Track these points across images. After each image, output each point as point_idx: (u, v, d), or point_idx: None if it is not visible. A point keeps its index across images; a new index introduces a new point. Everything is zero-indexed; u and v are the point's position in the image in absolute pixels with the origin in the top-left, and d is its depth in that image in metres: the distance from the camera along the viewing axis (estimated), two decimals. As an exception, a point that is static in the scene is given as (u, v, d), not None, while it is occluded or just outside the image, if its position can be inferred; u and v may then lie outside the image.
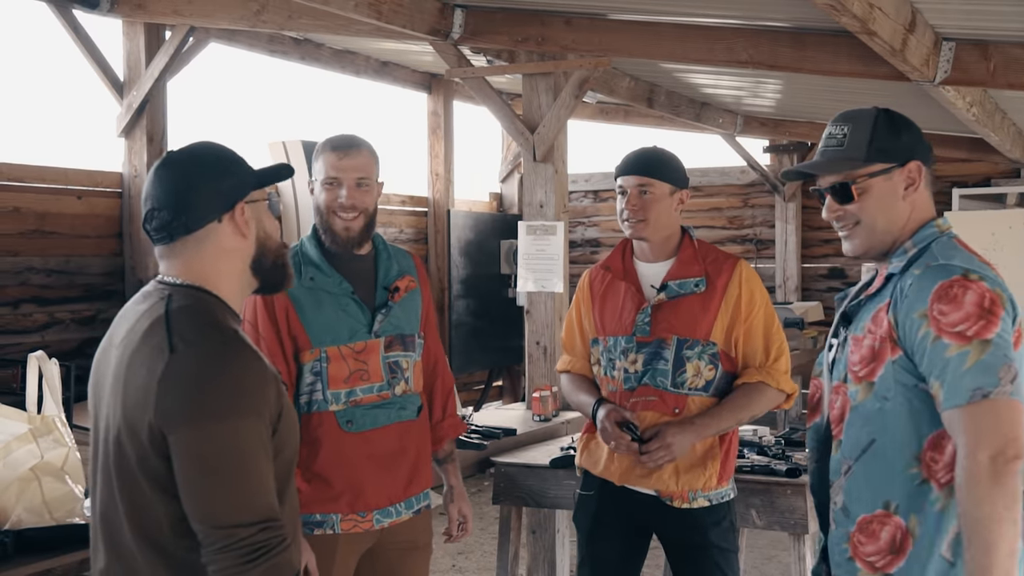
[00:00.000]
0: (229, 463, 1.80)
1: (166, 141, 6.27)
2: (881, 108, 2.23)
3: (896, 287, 2.10)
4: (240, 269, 2.01)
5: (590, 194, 10.75)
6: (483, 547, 6.45)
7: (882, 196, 2.18)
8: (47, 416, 2.83)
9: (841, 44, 4.68)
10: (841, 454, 2.18)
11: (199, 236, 1.95)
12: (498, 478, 4.09)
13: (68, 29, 5.95)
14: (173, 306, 1.89)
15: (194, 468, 1.79)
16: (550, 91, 5.73)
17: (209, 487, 1.79)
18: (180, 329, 1.86)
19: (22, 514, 2.59)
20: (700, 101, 8.23)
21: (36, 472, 2.63)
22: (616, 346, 3.12)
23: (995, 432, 1.92)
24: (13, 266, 5.73)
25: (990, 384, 1.94)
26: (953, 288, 2.00)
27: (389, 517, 2.88)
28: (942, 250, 2.11)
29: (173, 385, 1.81)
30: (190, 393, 1.80)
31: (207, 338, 1.86)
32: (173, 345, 1.83)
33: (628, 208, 3.12)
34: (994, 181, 9.04)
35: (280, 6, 5.49)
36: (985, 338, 1.97)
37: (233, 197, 1.97)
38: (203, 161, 1.98)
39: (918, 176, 2.18)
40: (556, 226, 5.71)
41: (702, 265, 3.13)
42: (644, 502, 3.11)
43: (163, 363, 1.82)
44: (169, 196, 1.94)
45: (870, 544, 2.12)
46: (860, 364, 2.13)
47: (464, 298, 8.98)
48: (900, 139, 2.17)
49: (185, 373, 1.81)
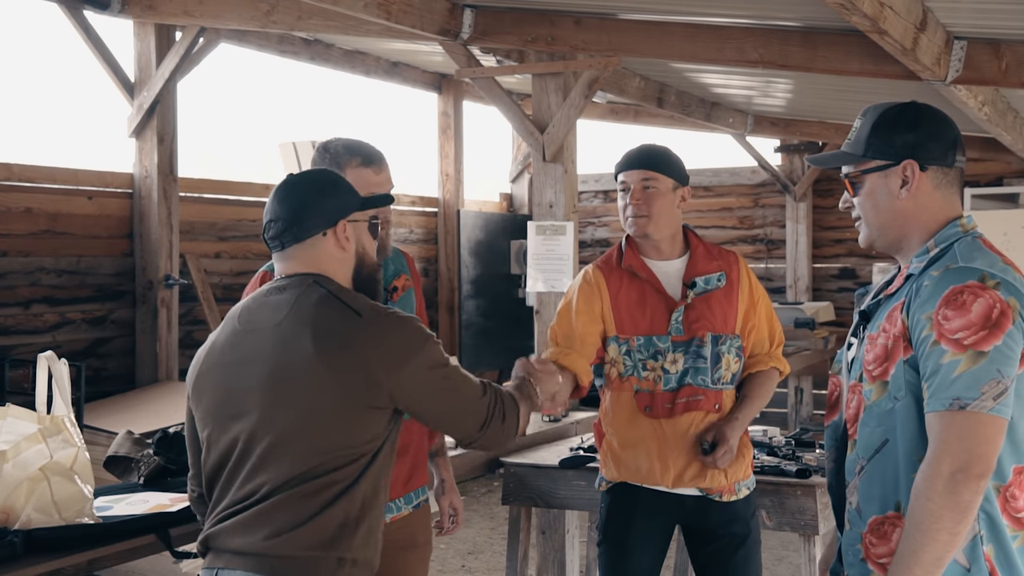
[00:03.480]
0: (455, 374, 2.29)
1: (176, 141, 6.29)
2: (901, 104, 2.21)
3: (912, 287, 2.08)
4: (345, 276, 2.34)
5: (600, 194, 10.75)
6: (493, 547, 6.45)
7: (875, 193, 2.18)
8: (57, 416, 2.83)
9: (852, 43, 4.66)
10: (856, 454, 2.16)
11: (308, 244, 2.28)
12: (507, 478, 4.08)
13: (79, 30, 5.97)
14: (332, 287, 2.26)
15: (436, 382, 2.24)
16: (560, 91, 5.72)
17: (452, 397, 2.28)
18: (349, 300, 2.24)
19: (31, 514, 2.59)
20: (711, 101, 8.22)
21: (45, 472, 2.63)
22: (648, 346, 3.08)
23: (961, 446, 1.93)
24: (25, 266, 5.76)
25: (970, 397, 1.93)
26: (964, 294, 1.99)
27: (390, 512, 2.87)
28: (965, 251, 2.08)
29: (383, 336, 2.19)
30: (400, 338, 2.21)
31: (372, 306, 2.26)
32: (358, 310, 2.21)
33: (632, 203, 3.08)
34: (1006, 180, 9.00)
35: (290, 7, 5.50)
36: (981, 350, 1.95)
37: (336, 216, 2.29)
38: (313, 184, 2.32)
39: (912, 176, 2.14)
40: (566, 226, 5.70)
41: (717, 260, 3.15)
42: (687, 502, 3.10)
43: (359, 325, 2.19)
44: (283, 211, 2.28)
45: (882, 545, 2.10)
46: (874, 363, 2.12)
47: (474, 298, 8.97)
48: (899, 137, 2.15)
49: (384, 325, 2.21)
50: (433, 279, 9.25)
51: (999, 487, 2.03)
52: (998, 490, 2.03)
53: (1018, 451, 2.05)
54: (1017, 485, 2.05)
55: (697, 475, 3.07)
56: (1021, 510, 2.05)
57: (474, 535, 6.73)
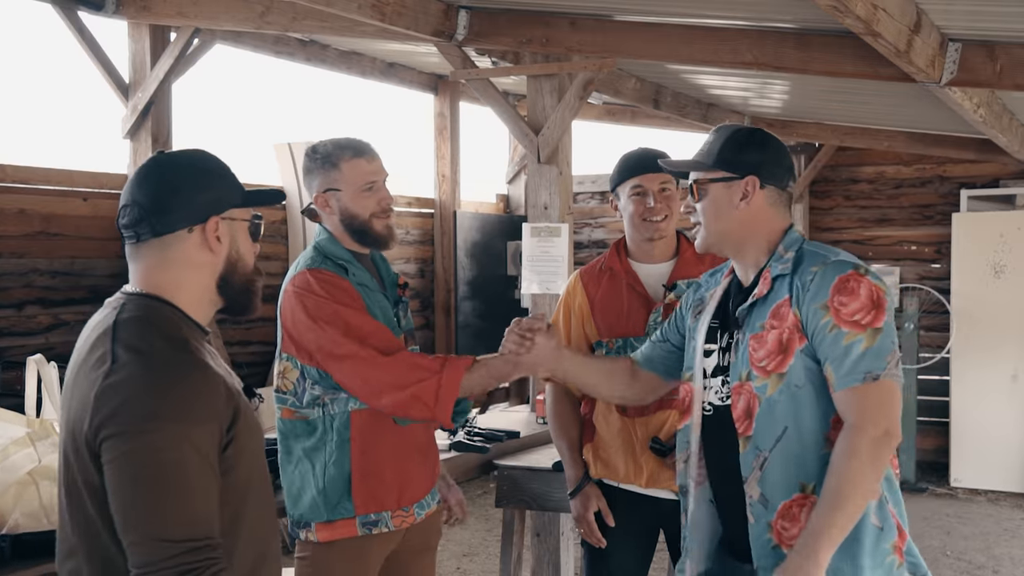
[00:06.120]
0: (158, 472, 1.70)
1: (171, 143, 6.27)
2: (746, 127, 2.48)
3: (795, 284, 2.29)
4: (205, 284, 1.94)
5: (597, 195, 10.72)
6: (488, 550, 6.43)
7: (717, 200, 2.41)
8: (45, 420, 2.83)
9: (846, 45, 4.65)
10: (752, 448, 2.30)
11: (166, 242, 1.90)
12: (501, 481, 4.07)
13: (73, 31, 5.95)
14: (123, 316, 1.84)
15: (120, 476, 1.70)
16: (554, 92, 5.71)
17: (133, 497, 1.70)
18: (125, 339, 1.80)
19: (19, 518, 2.58)
20: (707, 102, 8.21)
21: (34, 476, 2.62)
22: (626, 347, 3.11)
23: (881, 412, 2.17)
24: (18, 268, 5.74)
25: (879, 368, 2.18)
26: (850, 282, 2.23)
27: (424, 508, 2.95)
28: (822, 249, 2.34)
29: (109, 394, 1.74)
30: (124, 399, 1.73)
31: (150, 347, 1.79)
32: (115, 355, 1.77)
33: (657, 207, 3.11)
34: (1003, 182, 8.99)
35: (284, 8, 5.49)
36: (876, 327, 2.20)
37: (209, 210, 1.91)
38: (187, 168, 1.93)
39: (752, 190, 2.38)
40: (560, 228, 5.69)
41: (706, 265, 3.14)
42: (664, 505, 3.10)
43: (103, 374, 1.76)
44: (144, 195, 1.90)
45: (794, 528, 2.24)
46: (767, 358, 2.29)
47: (470, 299, 8.96)
48: (746, 156, 2.39)
49: (120, 382, 1.74)
50: (429, 280, 9.24)
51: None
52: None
53: None
54: None
55: (670, 477, 3.06)
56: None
57: (469, 537, 6.72)
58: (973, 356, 8.37)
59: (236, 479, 1.84)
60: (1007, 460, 8.21)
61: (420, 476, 2.92)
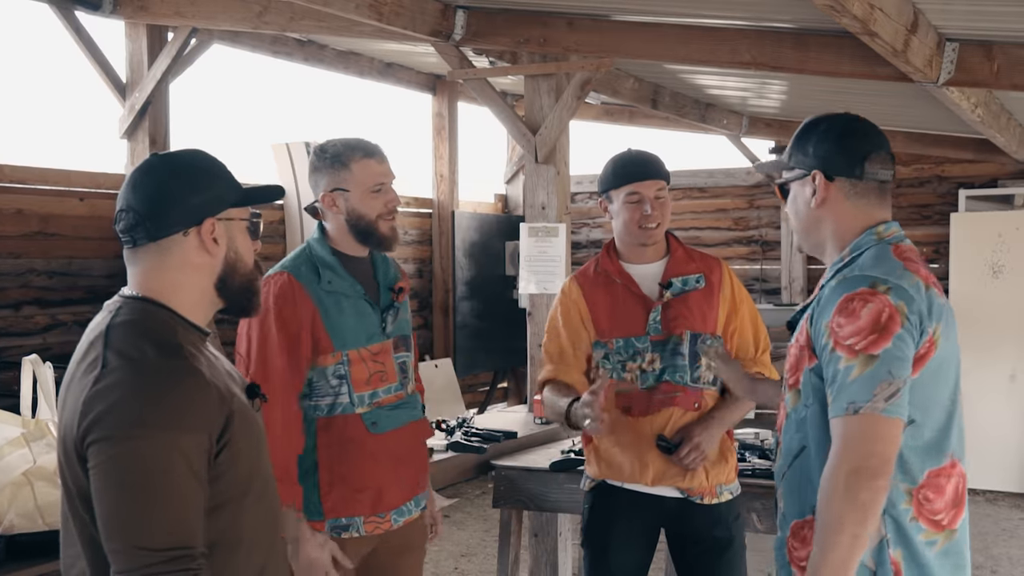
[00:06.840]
0: (143, 479, 1.68)
1: (169, 143, 6.26)
2: (826, 116, 2.33)
3: (817, 296, 2.16)
4: (204, 286, 1.92)
5: (595, 195, 10.70)
6: (485, 550, 6.43)
7: (795, 200, 2.29)
8: (41, 420, 2.82)
9: (844, 45, 4.65)
10: (781, 460, 2.24)
11: (163, 246, 1.87)
12: (498, 481, 4.07)
13: (70, 31, 5.94)
14: (116, 320, 1.82)
15: (105, 481, 1.68)
16: (552, 92, 5.70)
17: (116, 503, 1.68)
18: (116, 344, 1.77)
19: (14, 519, 2.58)
20: (705, 102, 8.20)
21: (29, 477, 2.62)
22: (627, 348, 3.11)
23: (855, 448, 1.98)
24: (15, 268, 5.73)
25: (862, 399, 1.98)
26: (854, 301, 2.04)
27: (403, 516, 2.93)
28: (869, 258, 2.13)
29: (98, 400, 1.72)
30: (111, 405, 1.70)
31: (141, 353, 1.77)
32: (106, 360, 1.75)
33: (653, 215, 3.11)
34: (1001, 182, 8.98)
35: (282, 8, 5.48)
36: (871, 353, 2.00)
37: (204, 212, 1.88)
38: (181, 170, 1.90)
39: (820, 186, 2.21)
40: (558, 228, 5.69)
41: (696, 263, 3.19)
42: (668, 504, 3.11)
43: (93, 379, 1.74)
44: (138, 200, 1.88)
45: (803, 549, 2.14)
46: (789, 372, 2.20)
47: (468, 300, 8.95)
48: (810, 148, 2.25)
49: (109, 387, 1.72)
50: (427, 280, 9.23)
51: (910, 490, 2.06)
52: (909, 493, 2.06)
53: (928, 454, 2.08)
54: (931, 488, 2.07)
55: (676, 475, 3.07)
56: (938, 512, 2.08)
57: (467, 537, 6.71)
58: (971, 356, 8.28)
59: (235, 479, 1.83)
60: (1005, 460, 8.20)
61: (397, 484, 2.89)
